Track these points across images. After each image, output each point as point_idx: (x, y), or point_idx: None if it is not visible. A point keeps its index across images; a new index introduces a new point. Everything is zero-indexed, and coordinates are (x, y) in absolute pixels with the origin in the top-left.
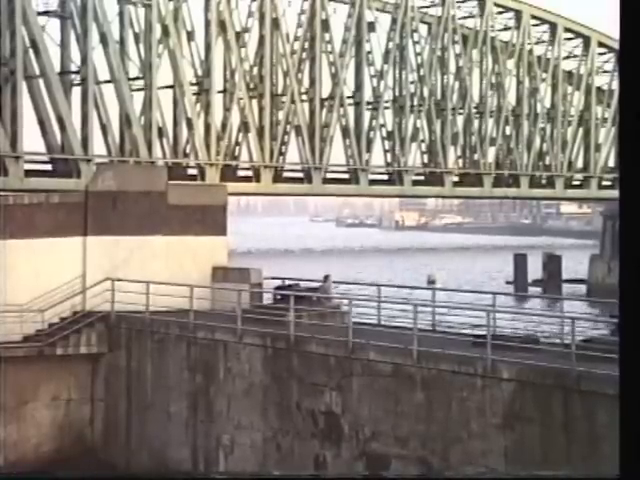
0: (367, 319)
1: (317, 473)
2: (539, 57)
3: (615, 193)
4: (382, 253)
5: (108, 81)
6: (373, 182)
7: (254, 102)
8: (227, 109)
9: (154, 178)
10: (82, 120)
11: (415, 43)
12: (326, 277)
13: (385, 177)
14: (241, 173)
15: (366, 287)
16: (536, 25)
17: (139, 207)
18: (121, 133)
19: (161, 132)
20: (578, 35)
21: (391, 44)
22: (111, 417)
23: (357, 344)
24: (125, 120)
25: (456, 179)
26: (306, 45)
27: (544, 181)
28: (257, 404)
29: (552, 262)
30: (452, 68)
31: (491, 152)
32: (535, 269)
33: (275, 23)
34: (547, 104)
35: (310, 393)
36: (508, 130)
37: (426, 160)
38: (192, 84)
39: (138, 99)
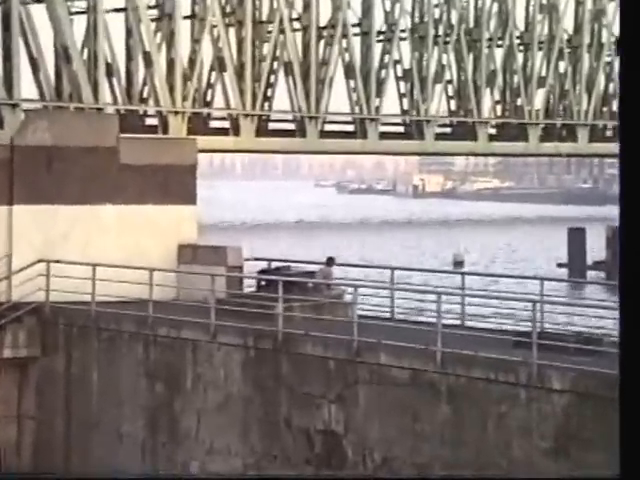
0: (377, 312)
1: (318, 473)
2: None
3: None
4: (396, 227)
5: (39, 0)
6: (385, 136)
7: (231, 31)
8: (196, 40)
9: (101, 130)
10: (4, 53)
11: None
12: (330, 259)
13: (400, 129)
14: (215, 124)
15: (376, 271)
16: None
17: (82, 167)
18: (57, 70)
19: (110, 69)
20: None
21: None
22: (44, 440)
23: (364, 344)
24: (62, 53)
25: (493, 131)
26: None
27: (609, 133)
28: (235, 421)
29: None
30: None
31: (539, 96)
32: (597, 248)
33: None
34: (615, 31)
35: (303, 407)
36: (562, 67)
37: (454, 107)
38: (150, 7)
39: (79, 25)
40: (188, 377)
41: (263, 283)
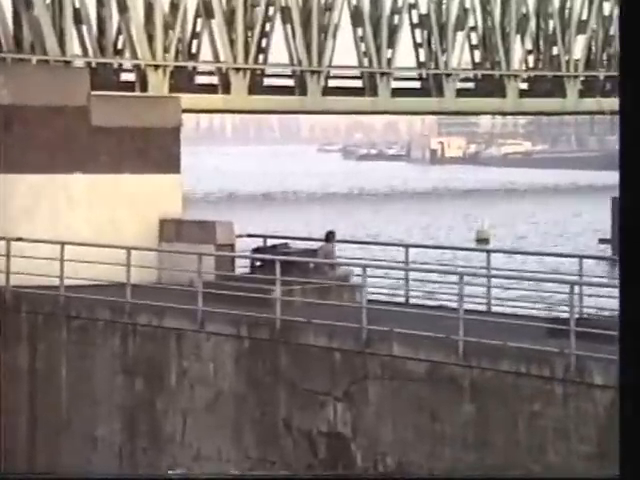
0: (390, 296)
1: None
2: None
3: None
4: (411, 198)
5: None
6: (398, 93)
7: None
8: None
9: (69, 87)
10: None
11: None
12: (329, 234)
13: (416, 85)
14: (201, 80)
15: (388, 249)
16: None
17: (47, 130)
18: (15, 17)
19: (78, 15)
20: None
21: None
22: (5, 445)
23: (375, 333)
24: None
25: (524, 86)
26: None
27: None
28: (227, 423)
29: None
30: None
31: (579, 44)
32: None
33: None
34: None
35: (305, 406)
36: (607, 8)
37: (478, 59)
38: None
39: None
40: (172, 372)
41: (258, 263)
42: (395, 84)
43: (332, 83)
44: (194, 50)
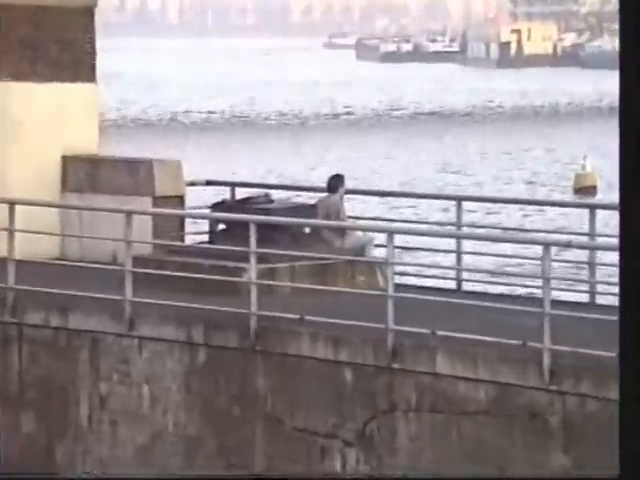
0: (429, 279)
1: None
2: None
3: None
4: (468, 121)
5: None
6: None
7: None
8: None
9: None
10: None
11: None
12: (334, 180)
13: None
14: None
15: (425, 204)
16: None
17: None
18: None
19: None
20: None
21: None
22: None
23: (407, 337)
24: None
25: None
26: None
27: None
28: None
29: None
30: None
31: None
32: None
33: None
34: None
35: (297, 454)
36: None
37: None
38: None
39: None
40: (82, 401)
41: (221, 227)
42: None
43: None
44: None
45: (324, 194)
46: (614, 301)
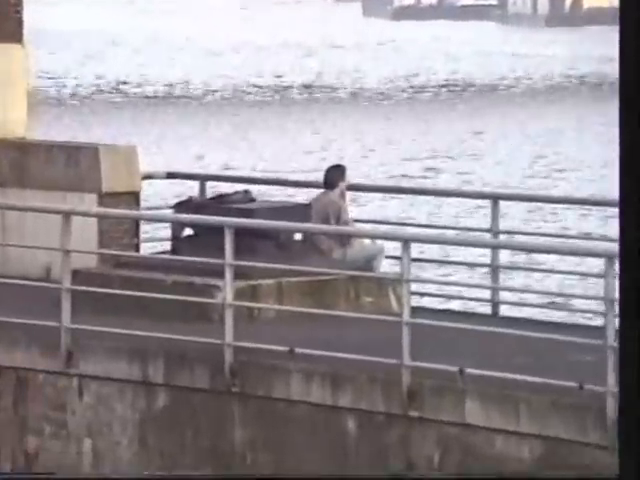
0: (456, 300)
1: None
2: None
3: None
4: (506, 99)
5: None
6: None
7: None
8: None
9: None
10: None
11: None
12: (333, 173)
13: None
14: None
15: (453, 201)
16: None
17: None
18: None
19: None
20: None
21: None
22: None
23: (425, 376)
24: None
25: None
26: None
27: None
28: None
29: None
30: None
31: None
32: None
33: None
34: None
35: None
36: None
37: None
38: None
39: None
40: (4, 460)
41: (188, 233)
42: None
43: None
44: None
45: (320, 190)
46: None
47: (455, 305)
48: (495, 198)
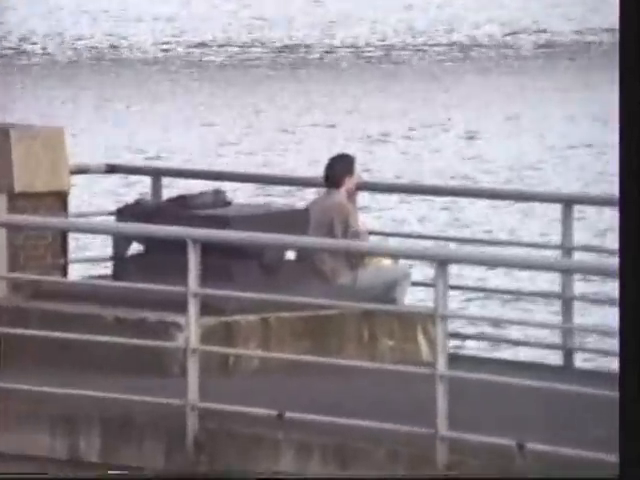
0: (512, 345)
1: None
2: None
3: None
4: (536, 66)
5: None
6: None
7: None
8: None
9: None
10: None
11: None
12: (337, 164)
13: None
14: None
15: (505, 205)
16: None
17: None
18: None
19: None
20: None
21: None
22: None
23: (469, 451)
24: None
25: None
26: None
27: None
28: None
29: None
30: None
31: None
32: None
33: None
34: None
35: None
36: None
37: None
38: None
39: None
40: None
41: (136, 250)
42: None
43: None
44: None
45: (321, 190)
46: None
47: (510, 353)
48: (568, 202)
